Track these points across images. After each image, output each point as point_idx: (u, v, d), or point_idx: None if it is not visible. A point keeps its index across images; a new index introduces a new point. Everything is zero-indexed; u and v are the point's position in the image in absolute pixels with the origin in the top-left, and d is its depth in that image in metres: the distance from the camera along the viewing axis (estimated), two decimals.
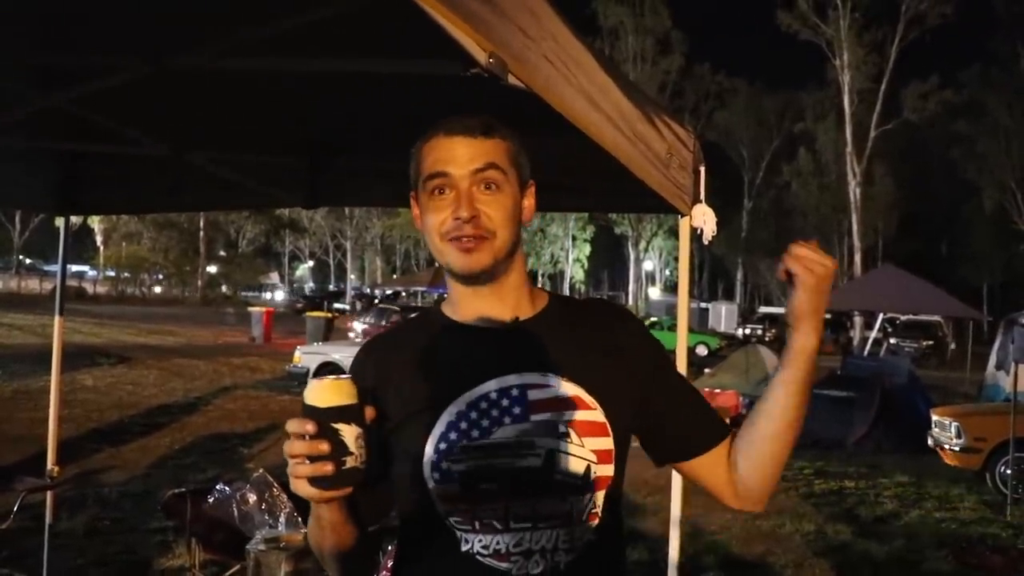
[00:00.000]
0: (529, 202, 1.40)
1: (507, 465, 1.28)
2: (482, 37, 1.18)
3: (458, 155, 1.31)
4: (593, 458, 1.31)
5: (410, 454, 1.30)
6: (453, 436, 1.29)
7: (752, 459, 1.43)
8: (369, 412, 1.21)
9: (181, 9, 1.91)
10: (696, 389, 1.52)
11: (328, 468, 1.13)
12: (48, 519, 4.43)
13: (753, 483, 1.44)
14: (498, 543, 1.27)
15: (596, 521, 1.32)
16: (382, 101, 2.61)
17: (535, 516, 1.28)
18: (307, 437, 1.14)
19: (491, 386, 1.31)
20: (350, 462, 1.14)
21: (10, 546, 4.91)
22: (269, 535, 3.15)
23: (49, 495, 4.45)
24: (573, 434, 1.30)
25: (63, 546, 5.23)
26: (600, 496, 1.33)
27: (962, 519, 7.62)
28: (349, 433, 1.14)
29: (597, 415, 1.33)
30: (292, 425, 1.16)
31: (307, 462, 1.15)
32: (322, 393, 1.14)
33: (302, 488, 1.17)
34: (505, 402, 1.30)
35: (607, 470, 1.33)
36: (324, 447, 1.13)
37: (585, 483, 1.31)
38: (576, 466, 1.30)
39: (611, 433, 1.33)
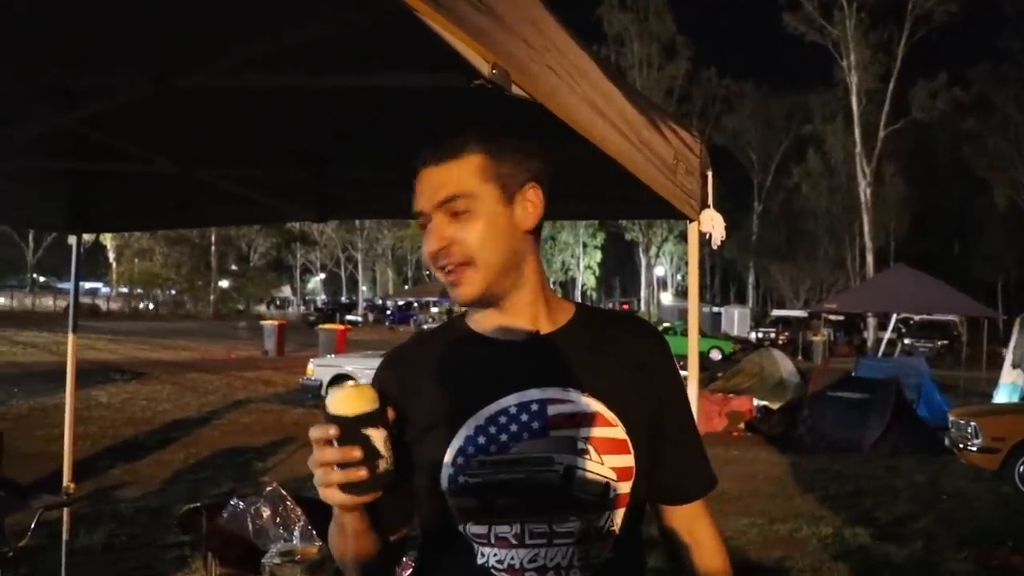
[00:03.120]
0: (523, 208, 1.34)
1: (524, 481, 1.26)
2: (485, 49, 1.18)
3: (426, 188, 1.32)
4: (613, 476, 1.29)
5: (429, 465, 1.30)
6: (471, 450, 1.27)
7: None
8: (391, 412, 1.21)
9: (187, 27, 1.93)
10: (697, 431, 1.51)
11: (362, 473, 1.14)
12: (65, 536, 4.44)
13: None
14: (512, 558, 1.26)
15: (614, 539, 1.30)
16: (389, 113, 2.62)
17: (551, 533, 1.27)
18: (335, 444, 1.15)
19: (511, 400, 1.29)
20: (382, 465, 1.16)
21: (28, 563, 4.93)
22: (284, 548, 3.15)
23: (65, 512, 4.47)
24: (593, 451, 1.28)
25: (80, 563, 5.24)
26: (619, 514, 1.31)
27: (982, 520, 7.55)
28: (378, 437, 1.15)
29: (618, 432, 1.30)
30: (316, 432, 1.16)
31: (337, 469, 1.15)
32: (347, 401, 1.15)
33: (333, 496, 1.17)
34: (524, 417, 1.28)
35: (627, 488, 1.31)
36: (357, 453, 1.14)
37: (603, 501, 1.28)
38: (595, 483, 1.28)
39: (632, 451, 1.31)
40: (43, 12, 1.86)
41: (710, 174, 2.80)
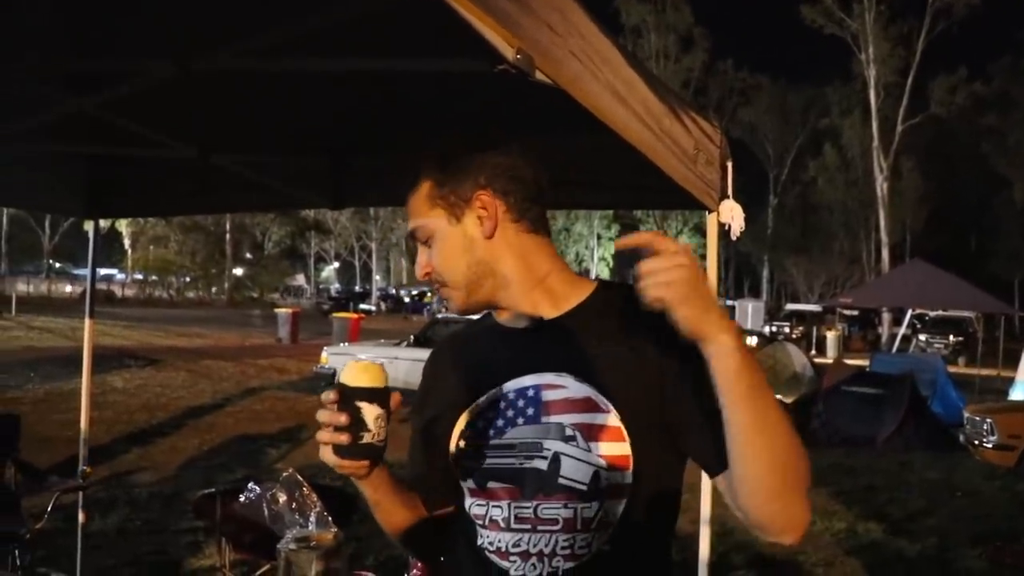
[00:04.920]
0: (474, 220, 1.32)
1: (515, 466, 1.29)
2: (509, 33, 1.17)
3: (408, 218, 1.39)
4: (602, 463, 1.24)
5: (443, 448, 1.38)
6: (470, 434, 1.35)
7: (744, 492, 1.19)
8: (395, 397, 1.25)
9: (206, 12, 1.92)
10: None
11: (343, 438, 1.21)
12: (80, 519, 4.47)
13: (757, 515, 1.20)
14: (500, 541, 1.30)
15: (610, 531, 1.26)
16: (408, 99, 2.61)
17: (536, 519, 1.27)
18: (334, 408, 1.22)
19: (510, 386, 1.33)
20: (367, 438, 1.22)
21: (45, 545, 4.97)
22: (299, 534, 3.15)
23: (81, 495, 4.50)
24: (580, 437, 1.25)
25: (96, 546, 5.28)
26: (617, 505, 1.25)
27: (996, 517, 7.51)
28: (369, 412, 1.22)
29: (610, 418, 1.25)
30: (323, 395, 1.24)
31: (328, 431, 1.22)
32: (352, 373, 1.24)
33: (325, 455, 1.24)
34: (521, 403, 1.31)
35: (623, 477, 1.25)
36: (342, 419, 1.20)
37: (593, 490, 1.24)
38: (582, 471, 1.25)
39: (627, 438, 1.25)
40: None
41: (730, 165, 2.78)
